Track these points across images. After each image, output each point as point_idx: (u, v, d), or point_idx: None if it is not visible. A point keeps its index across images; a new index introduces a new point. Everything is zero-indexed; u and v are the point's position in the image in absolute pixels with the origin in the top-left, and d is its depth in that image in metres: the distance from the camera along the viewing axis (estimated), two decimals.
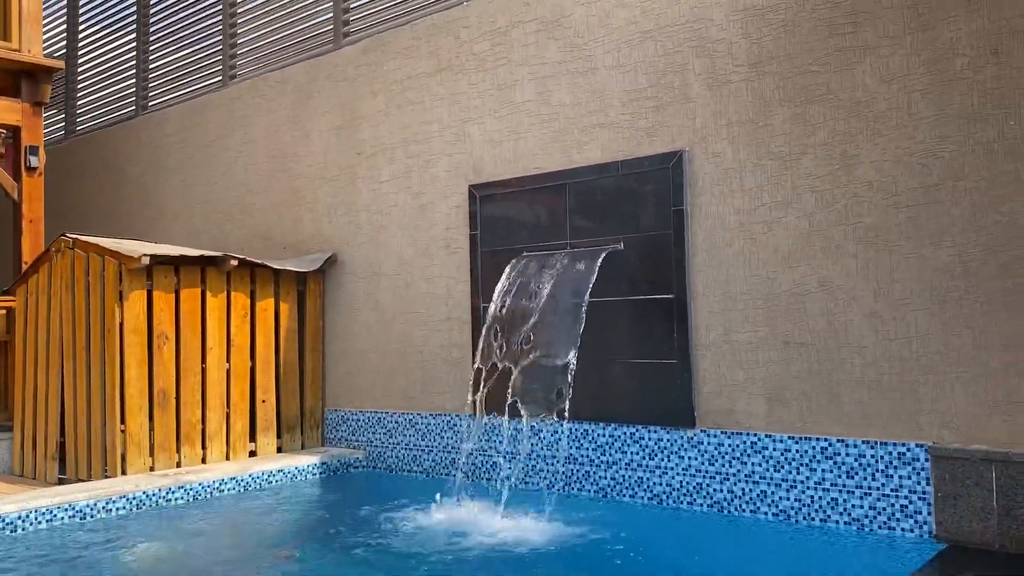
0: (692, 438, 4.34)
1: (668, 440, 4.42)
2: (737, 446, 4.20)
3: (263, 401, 5.73)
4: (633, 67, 4.63)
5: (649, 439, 4.48)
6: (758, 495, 4.13)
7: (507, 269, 4.86)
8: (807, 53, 4.05)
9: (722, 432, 4.25)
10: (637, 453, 4.52)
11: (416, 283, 5.62)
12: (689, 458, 4.35)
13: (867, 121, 3.88)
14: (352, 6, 6.25)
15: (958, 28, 3.66)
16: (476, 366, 4.80)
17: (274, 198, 6.58)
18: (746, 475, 4.17)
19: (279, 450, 5.80)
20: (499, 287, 4.80)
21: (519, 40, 5.14)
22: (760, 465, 4.13)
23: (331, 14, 6.35)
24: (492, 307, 4.75)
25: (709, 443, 4.28)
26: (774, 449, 4.09)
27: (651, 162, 4.51)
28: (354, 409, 5.91)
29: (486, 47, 5.31)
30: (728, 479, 4.22)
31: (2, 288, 6.97)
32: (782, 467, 4.07)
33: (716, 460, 4.26)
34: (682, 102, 4.45)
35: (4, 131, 7.01)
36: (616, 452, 4.60)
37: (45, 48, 8.88)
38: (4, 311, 6.45)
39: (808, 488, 3.99)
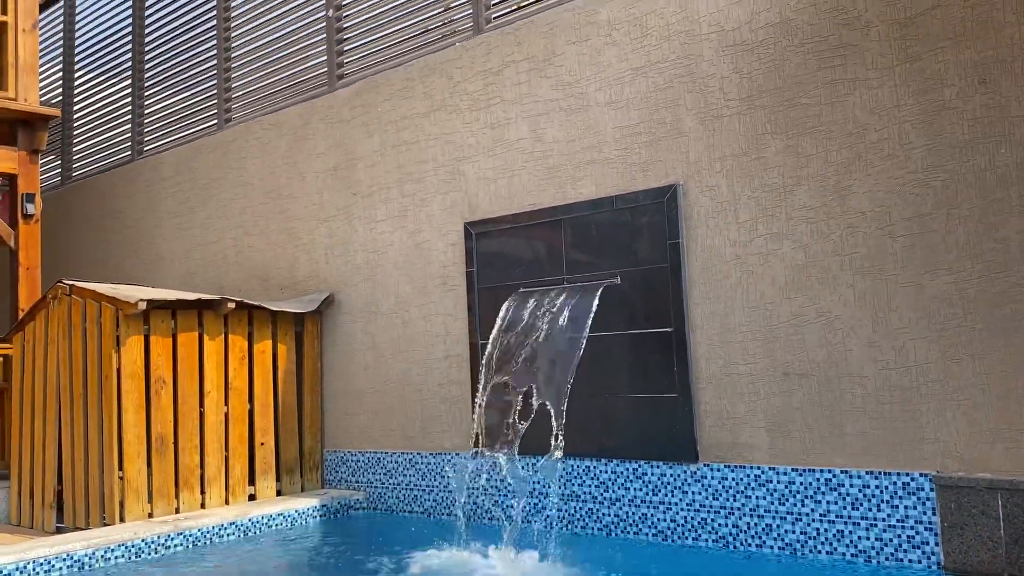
0: (695, 472, 4.31)
1: (671, 475, 4.38)
2: (741, 479, 4.17)
3: (262, 444, 5.69)
4: (625, 103, 4.68)
5: (652, 474, 4.45)
6: (763, 528, 4.09)
7: (505, 305, 4.86)
8: (797, 86, 4.10)
9: (725, 466, 4.22)
10: (640, 489, 4.48)
11: (414, 321, 5.61)
12: (693, 493, 4.31)
13: (859, 152, 3.91)
14: (346, 49, 6.31)
15: (945, 59, 3.71)
16: (474, 404, 4.77)
17: (271, 239, 6.60)
18: (751, 509, 4.13)
19: (278, 493, 5.74)
20: (497, 324, 4.79)
21: (511, 79, 5.19)
22: (764, 498, 4.09)
23: (325, 57, 6.41)
24: (490, 344, 4.74)
25: (712, 477, 4.25)
26: (778, 482, 4.06)
27: (646, 196, 4.53)
28: (353, 450, 5.87)
29: (479, 86, 5.36)
30: (733, 513, 4.19)
31: None
32: (787, 500, 4.03)
33: (720, 494, 4.23)
34: (675, 136, 4.48)
35: (0, 179, 7.03)
36: (619, 488, 4.56)
37: (41, 95, 8.95)
38: (1, 359, 6.42)
39: (814, 520, 3.95)
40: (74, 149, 8.96)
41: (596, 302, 4.40)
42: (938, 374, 3.67)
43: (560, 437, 4.27)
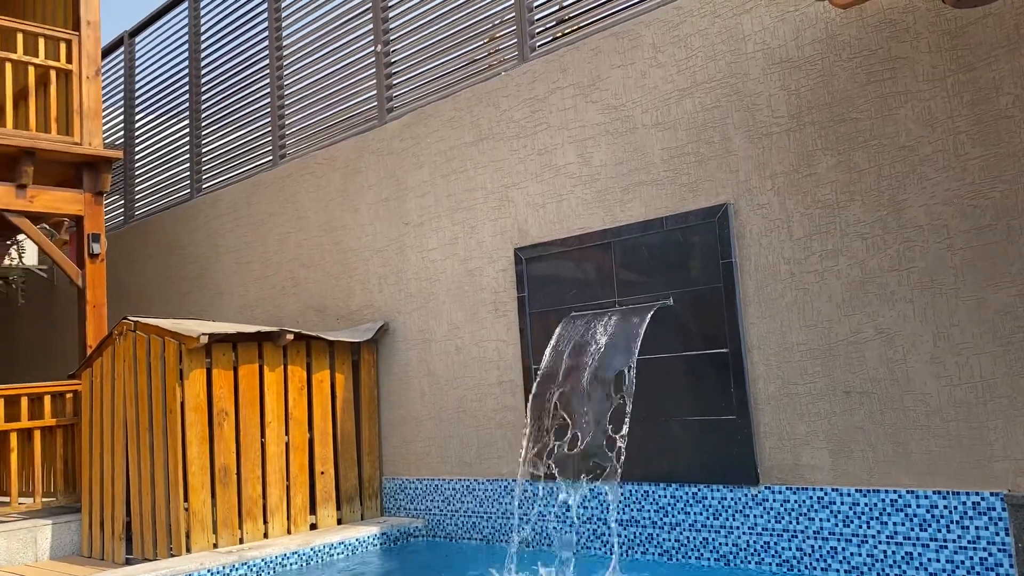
0: (756, 495, 4.24)
1: (732, 499, 4.32)
2: (803, 501, 4.09)
3: (322, 473, 5.77)
4: (672, 124, 4.68)
5: (712, 498, 4.39)
6: (828, 551, 4.00)
7: (557, 329, 4.87)
8: (847, 101, 4.05)
9: (787, 488, 4.15)
10: (700, 513, 4.43)
11: (467, 348, 5.65)
12: (755, 516, 4.24)
13: (913, 165, 3.84)
14: (394, 82, 6.44)
15: (1000, 68, 3.64)
16: (529, 429, 4.78)
17: (326, 271, 6.72)
18: (814, 531, 4.05)
19: (339, 522, 5.80)
20: (549, 348, 4.80)
21: (557, 105, 5.24)
22: (828, 520, 4.01)
23: (375, 91, 6.54)
24: (543, 369, 4.75)
25: (774, 500, 4.18)
26: (842, 503, 3.97)
27: (696, 216, 4.51)
28: (411, 477, 5.91)
29: (526, 114, 5.41)
30: (796, 536, 4.10)
31: (69, 372, 7.17)
32: (851, 521, 3.94)
33: (782, 517, 4.15)
34: (724, 156, 4.47)
35: (68, 220, 7.30)
36: (679, 513, 4.51)
37: (104, 138, 9.29)
38: (71, 394, 6.63)
39: (880, 543, 3.86)
40: (136, 189, 9.27)
41: (646, 324, 4.38)
42: (1006, 389, 3.57)
43: (618, 462, 4.25)
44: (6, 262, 8.35)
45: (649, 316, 4.41)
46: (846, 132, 4.05)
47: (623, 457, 4.25)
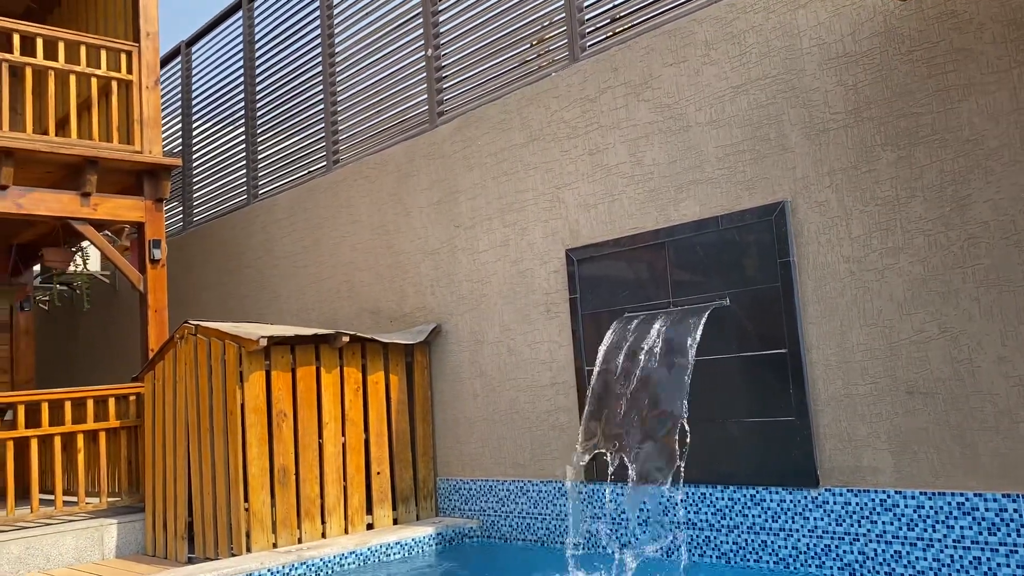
0: (816, 498, 4.17)
1: (791, 501, 4.25)
2: (865, 504, 4.01)
3: (378, 473, 5.83)
4: (727, 122, 4.63)
5: (771, 500, 4.33)
6: (892, 555, 3.91)
7: (609, 330, 4.85)
8: (907, 95, 3.96)
9: (848, 490, 4.07)
10: (759, 516, 4.36)
11: (519, 349, 5.66)
12: (815, 519, 4.17)
13: (977, 160, 3.74)
14: (445, 86, 6.48)
15: None
16: (583, 431, 4.76)
17: (379, 274, 6.80)
18: (877, 535, 3.96)
19: (395, 522, 5.86)
20: (602, 349, 4.79)
21: (608, 104, 5.22)
22: (892, 524, 3.92)
23: (426, 96, 6.59)
24: (596, 370, 4.74)
25: (835, 502, 4.10)
26: (905, 506, 3.88)
27: (752, 215, 4.45)
28: (465, 478, 5.94)
29: (576, 114, 5.40)
30: (858, 539, 4.02)
31: (131, 375, 7.37)
32: (916, 525, 3.85)
33: (844, 520, 4.07)
34: (780, 153, 4.40)
35: (129, 227, 7.50)
36: (737, 515, 4.45)
37: (163, 146, 9.52)
38: (134, 397, 6.81)
39: (947, 547, 3.76)
40: (194, 195, 9.48)
41: (703, 324, 4.33)
42: None
43: (674, 463, 4.22)
44: (71, 268, 8.60)
45: (705, 317, 4.37)
46: (906, 127, 3.96)
47: (680, 459, 4.21)
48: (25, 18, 9.15)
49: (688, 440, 4.28)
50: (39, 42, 6.80)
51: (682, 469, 4.25)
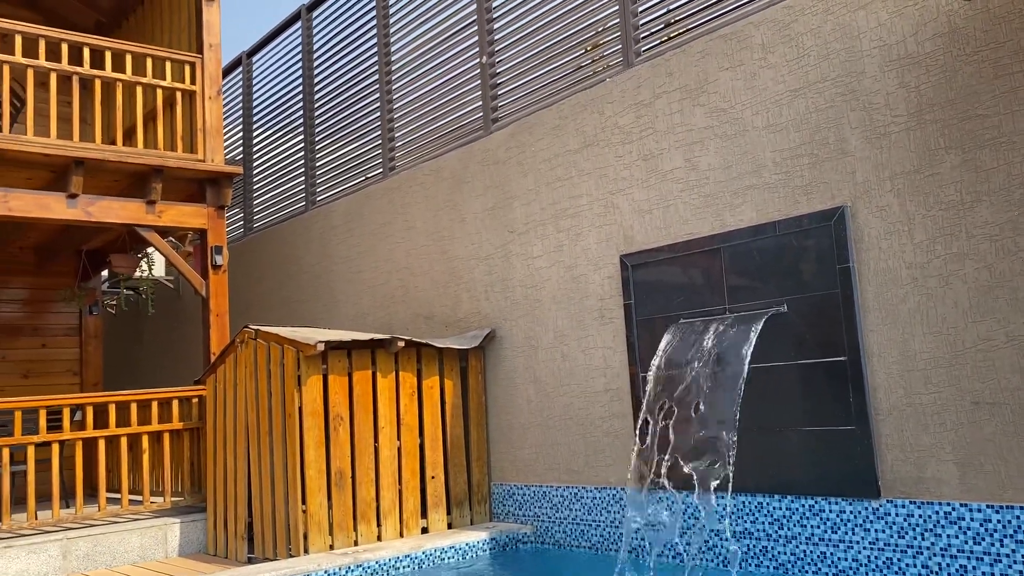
0: (878, 509, 4.08)
1: (851, 512, 4.17)
2: (929, 517, 3.90)
3: (432, 477, 5.87)
4: (784, 126, 4.56)
5: (830, 511, 4.24)
6: (957, 570, 3.80)
7: (665, 337, 4.81)
8: (972, 97, 3.86)
9: (911, 502, 3.97)
10: (818, 526, 4.28)
11: (573, 355, 5.65)
12: (876, 531, 4.08)
13: None
14: (499, 93, 6.51)
15: None
16: (637, 437, 4.73)
17: (434, 279, 6.86)
18: (941, 548, 3.86)
19: (449, 526, 5.89)
20: (658, 356, 4.75)
21: (663, 109, 5.19)
22: (957, 537, 3.81)
23: (480, 103, 6.64)
24: (651, 376, 4.71)
25: (897, 514, 4.01)
26: (971, 519, 3.77)
27: (810, 220, 4.38)
28: (519, 483, 5.95)
29: (631, 119, 5.38)
30: (922, 553, 3.92)
31: (193, 378, 7.55)
32: (982, 539, 3.74)
33: (906, 532, 3.97)
34: (839, 157, 4.32)
35: (192, 233, 7.70)
36: (795, 526, 4.38)
37: (225, 155, 9.74)
38: (196, 399, 6.98)
39: (1015, 562, 3.64)
40: (254, 202, 9.68)
41: (758, 331, 4.28)
42: None
43: (730, 472, 4.17)
44: (137, 273, 8.86)
45: (762, 323, 4.31)
46: (971, 130, 3.86)
47: (736, 467, 4.16)
48: (95, 32, 9.47)
49: (744, 448, 4.22)
50: (108, 55, 7.03)
51: (737, 477, 4.19)
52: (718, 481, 4.23)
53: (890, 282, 4.10)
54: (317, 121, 8.67)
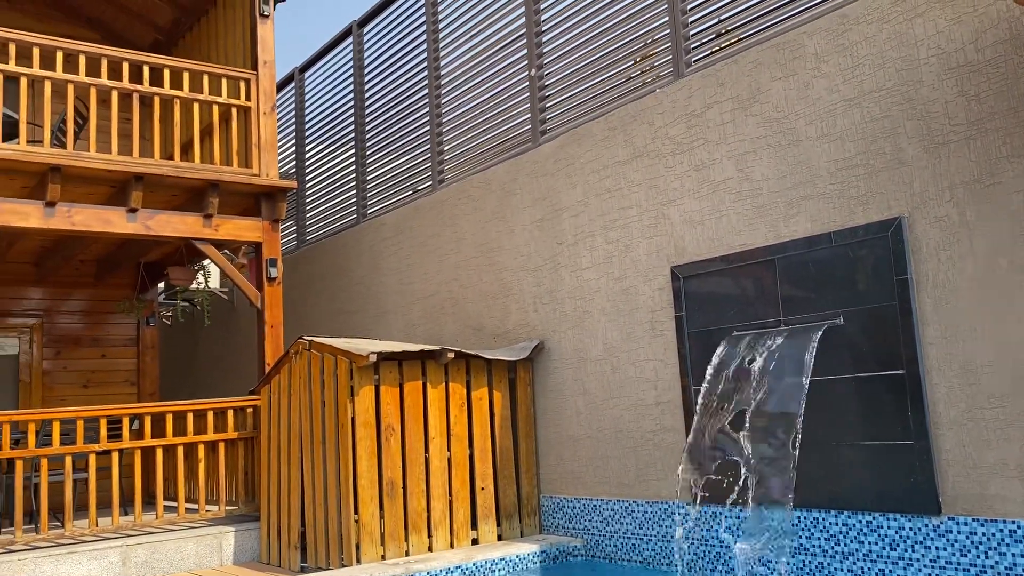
0: (939, 526, 3.98)
1: (911, 529, 4.07)
2: (993, 535, 3.80)
3: (482, 489, 5.89)
4: (839, 136, 4.50)
5: (889, 527, 4.15)
6: None
7: (718, 349, 4.77)
8: None
9: (973, 519, 3.86)
10: (876, 543, 4.20)
11: (623, 367, 5.63)
12: (937, 548, 3.98)
13: None
14: (548, 105, 6.54)
15: None
16: (689, 451, 4.69)
17: (483, 291, 6.89)
18: (1006, 567, 3.75)
19: (499, 538, 5.90)
20: (710, 369, 4.71)
21: (715, 120, 5.15)
22: (1022, 557, 3.70)
23: (529, 115, 6.67)
24: (704, 389, 4.66)
25: (959, 532, 3.91)
26: None
27: (867, 231, 4.31)
28: (569, 496, 5.93)
29: (681, 130, 5.36)
30: (985, 572, 3.81)
31: (248, 388, 7.69)
32: None
33: (969, 551, 3.87)
34: (896, 167, 4.25)
35: (246, 245, 7.85)
36: (852, 542, 4.29)
37: (279, 168, 9.92)
38: (251, 409, 7.10)
39: None
40: (307, 215, 9.84)
41: (816, 344, 4.22)
42: None
43: (785, 486, 4.10)
44: (192, 286, 9.06)
45: (819, 336, 4.25)
46: None
47: (792, 482, 4.10)
48: (152, 50, 9.74)
49: (800, 462, 4.16)
50: (166, 73, 7.22)
51: (794, 492, 4.13)
52: (773, 495, 4.17)
53: (950, 294, 4.01)
54: (368, 135, 8.79)
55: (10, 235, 7.32)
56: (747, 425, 4.39)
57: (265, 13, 7.70)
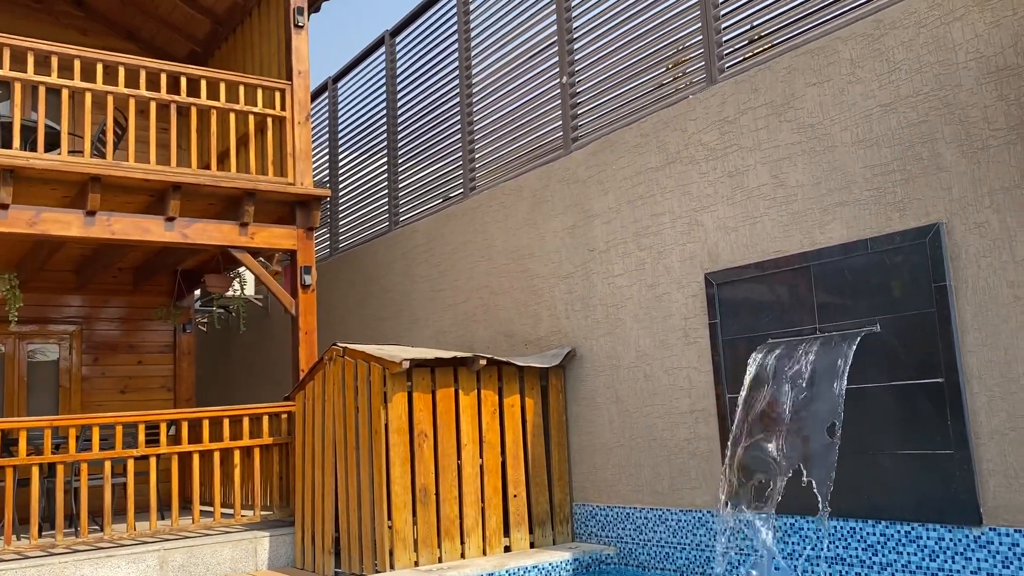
0: (979, 537, 3.91)
1: (951, 539, 4.01)
2: None
3: (514, 496, 5.89)
4: (875, 141, 4.46)
5: (928, 538, 4.09)
6: None
7: (752, 357, 4.73)
8: None
9: (1016, 531, 3.80)
10: (915, 554, 4.14)
11: (656, 375, 5.61)
12: (978, 560, 3.91)
13: None
14: (579, 112, 6.55)
15: None
16: (726, 460, 4.66)
17: (514, 297, 6.90)
18: None
19: (532, 545, 5.90)
20: (747, 377, 4.68)
21: (749, 126, 5.13)
22: None
23: (560, 122, 6.68)
24: (741, 397, 4.63)
25: (1001, 543, 3.84)
26: None
27: (904, 237, 4.26)
28: (602, 504, 5.91)
29: (714, 136, 5.34)
30: None
31: (282, 394, 7.76)
32: None
33: (1011, 562, 3.80)
34: (934, 172, 4.20)
35: (280, 253, 7.94)
36: (890, 553, 4.24)
37: (313, 177, 10.02)
38: (286, 415, 7.17)
39: None
40: (340, 223, 9.93)
41: (853, 352, 4.17)
42: None
43: (821, 495, 4.06)
44: (228, 292, 9.19)
45: (856, 343, 4.20)
46: None
47: (828, 491, 4.06)
48: (189, 61, 9.91)
49: (837, 471, 4.11)
50: (203, 83, 7.34)
51: (830, 501, 4.09)
52: (810, 505, 4.13)
53: (990, 301, 3.95)
54: (400, 143, 8.85)
55: (52, 244, 7.47)
56: (783, 433, 4.35)
57: (299, 24, 7.79)
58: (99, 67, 6.93)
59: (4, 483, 6.27)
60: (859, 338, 4.26)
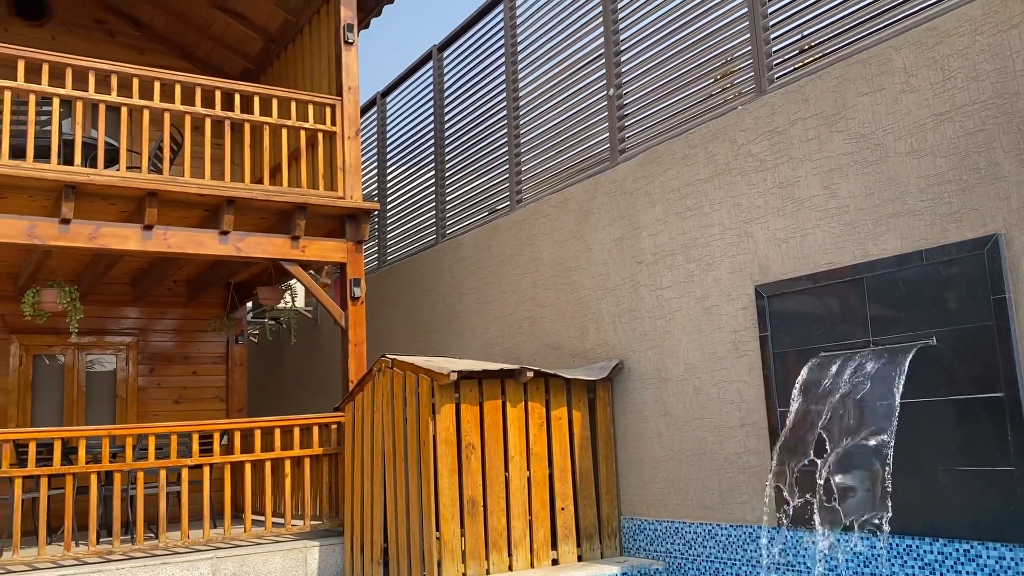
0: None
1: (1012, 559, 3.90)
2: None
3: (562, 509, 5.87)
4: (930, 151, 4.38)
5: (988, 557, 3.98)
6: None
7: (804, 371, 4.67)
8: None
9: None
10: (975, 573, 4.03)
11: (705, 388, 5.56)
12: None
13: None
14: (627, 124, 6.54)
15: None
16: (775, 474, 4.59)
17: (561, 310, 6.90)
18: None
19: (579, 558, 5.87)
20: (797, 390, 4.62)
21: (799, 136, 5.08)
22: None
23: (607, 134, 6.68)
24: (792, 411, 4.57)
25: None
26: None
27: (960, 249, 4.18)
28: (650, 518, 5.87)
29: (764, 147, 5.29)
30: None
31: (333, 405, 7.85)
32: None
33: None
34: (992, 182, 4.11)
35: (330, 266, 8.05)
36: (948, 571, 4.13)
37: (362, 191, 10.16)
38: (335, 426, 7.26)
39: None
40: (388, 235, 10.04)
41: (908, 365, 4.09)
42: None
43: (877, 512, 3.98)
44: (280, 304, 9.34)
45: (910, 357, 4.12)
46: None
47: (884, 508, 3.98)
48: (242, 78, 10.13)
49: (893, 487, 4.03)
50: (256, 100, 7.50)
51: (886, 518, 4.00)
52: (865, 521, 4.05)
53: None
54: (447, 156, 8.93)
55: (110, 257, 7.68)
56: (837, 448, 4.28)
57: (349, 40, 7.92)
58: (156, 85, 7.13)
59: (64, 490, 6.44)
60: (914, 351, 4.17)
